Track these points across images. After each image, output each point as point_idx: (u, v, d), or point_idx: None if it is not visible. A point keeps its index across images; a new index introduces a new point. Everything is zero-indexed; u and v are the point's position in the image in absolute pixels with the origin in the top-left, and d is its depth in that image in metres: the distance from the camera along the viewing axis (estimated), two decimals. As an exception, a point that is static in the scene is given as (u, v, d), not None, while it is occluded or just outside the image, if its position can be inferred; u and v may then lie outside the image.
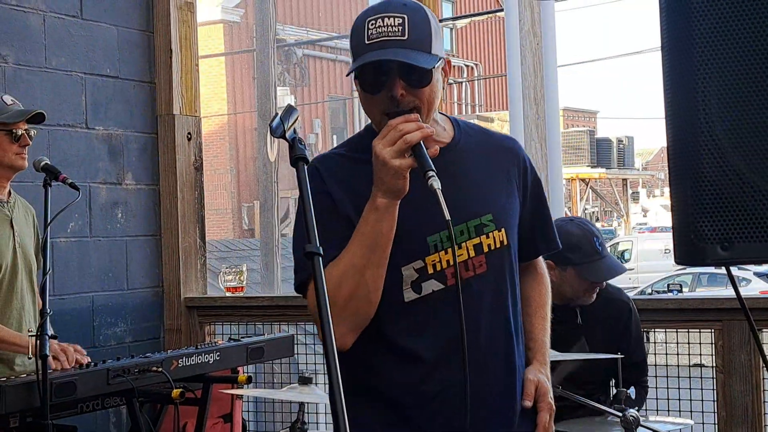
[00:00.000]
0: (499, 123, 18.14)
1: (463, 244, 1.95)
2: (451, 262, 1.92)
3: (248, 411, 4.77)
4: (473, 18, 20.77)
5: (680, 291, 15.73)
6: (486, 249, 1.97)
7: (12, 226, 3.41)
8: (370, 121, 2.04)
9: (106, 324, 4.45)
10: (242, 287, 4.78)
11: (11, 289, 3.36)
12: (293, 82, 20.61)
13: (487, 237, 1.97)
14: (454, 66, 22.71)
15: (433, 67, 1.90)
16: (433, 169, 1.81)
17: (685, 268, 16.72)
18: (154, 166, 4.71)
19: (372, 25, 1.90)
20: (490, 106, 23.32)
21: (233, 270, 4.78)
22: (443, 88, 1.99)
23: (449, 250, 1.92)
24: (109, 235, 4.49)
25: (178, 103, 4.74)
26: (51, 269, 3.19)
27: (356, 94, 2.05)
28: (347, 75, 2.02)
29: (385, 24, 1.89)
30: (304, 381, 3.28)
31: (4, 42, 4.11)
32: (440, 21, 4.30)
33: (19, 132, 3.38)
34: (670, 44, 1.19)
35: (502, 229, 1.99)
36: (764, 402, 3.42)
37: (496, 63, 23.84)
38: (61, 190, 3.46)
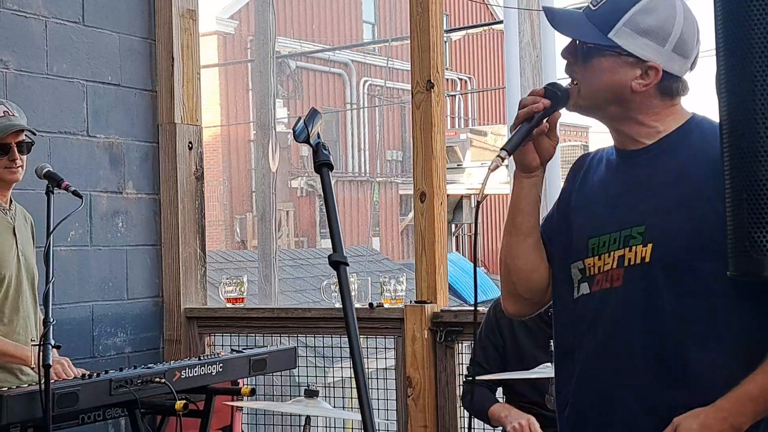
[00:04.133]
0: (493, 137, 18.12)
1: (612, 253, 1.89)
2: (601, 269, 1.91)
3: (247, 423, 4.71)
4: (468, 30, 20.75)
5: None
6: (626, 263, 1.87)
7: (15, 234, 3.37)
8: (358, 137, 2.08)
9: (106, 334, 4.40)
10: (243, 298, 4.73)
11: (17, 298, 3.32)
12: (286, 94, 20.57)
13: (630, 250, 1.87)
14: (446, 79, 22.72)
15: (594, 45, 1.84)
16: (511, 149, 1.88)
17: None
18: (155, 175, 4.66)
19: None
20: (484, 119, 23.30)
21: (234, 281, 4.73)
22: (632, 90, 1.86)
23: (602, 256, 1.90)
24: (109, 244, 4.44)
25: (180, 111, 4.71)
26: (53, 278, 3.13)
27: (349, 107, 2.08)
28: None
29: None
30: (310, 394, 3.23)
31: (6, 47, 4.06)
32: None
33: (8, 145, 3.28)
34: (727, 50, 1.15)
35: (649, 245, 1.84)
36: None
37: (490, 76, 23.84)
38: (62, 198, 3.41)
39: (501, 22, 10.52)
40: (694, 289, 1.82)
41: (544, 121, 1.93)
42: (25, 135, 3.36)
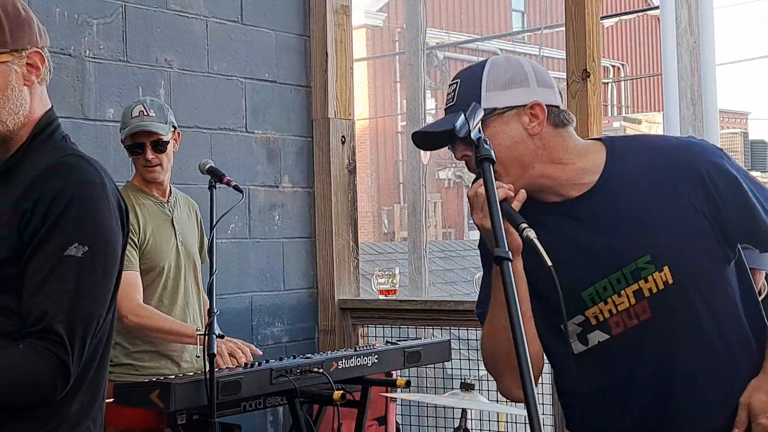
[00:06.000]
0: (647, 125, 17.61)
1: (623, 292, 1.90)
2: (614, 312, 1.91)
3: (400, 414, 4.74)
4: (621, 17, 20.26)
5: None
6: (647, 294, 1.89)
7: (173, 225, 3.47)
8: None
9: (264, 324, 4.52)
10: (395, 290, 4.77)
11: (176, 287, 3.43)
12: (434, 85, 20.61)
13: (646, 281, 1.88)
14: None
15: (470, 130, 1.74)
16: (524, 221, 1.77)
17: None
18: (309, 169, 4.75)
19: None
20: (638, 107, 22.69)
21: (386, 273, 4.78)
22: (531, 135, 1.89)
23: (609, 300, 1.90)
24: (266, 236, 4.56)
25: (333, 106, 4.77)
26: (216, 270, 3.23)
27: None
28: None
29: (449, 91, 1.93)
30: (467, 387, 3.22)
31: (170, 47, 4.21)
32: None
33: (143, 145, 3.33)
34: None
35: (665, 268, 1.87)
36: None
37: (644, 62, 23.21)
38: (222, 192, 3.51)
39: (656, 7, 10.22)
40: (715, 288, 1.92)
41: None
42: (164, 133, 3.33)
